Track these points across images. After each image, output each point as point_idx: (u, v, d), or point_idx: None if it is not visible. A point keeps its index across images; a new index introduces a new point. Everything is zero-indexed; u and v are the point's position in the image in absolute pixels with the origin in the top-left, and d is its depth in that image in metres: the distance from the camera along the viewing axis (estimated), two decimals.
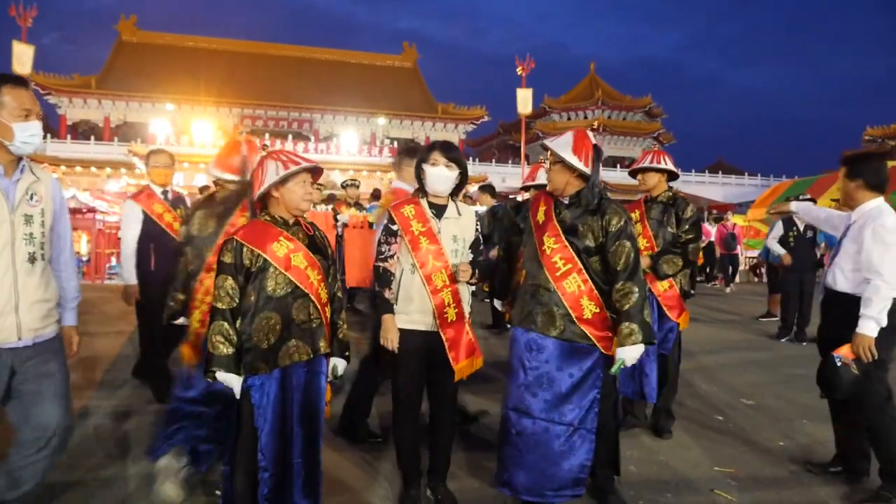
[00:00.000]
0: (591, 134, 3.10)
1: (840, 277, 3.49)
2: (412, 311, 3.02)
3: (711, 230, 14.83)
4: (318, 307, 2.69)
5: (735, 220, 15.19)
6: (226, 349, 2.54)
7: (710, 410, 4.82)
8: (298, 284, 2.63)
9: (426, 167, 3.06)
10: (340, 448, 3.88)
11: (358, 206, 8.58)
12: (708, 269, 15.71)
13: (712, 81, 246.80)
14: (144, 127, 34.34)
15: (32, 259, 2.42)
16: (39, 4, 22.83)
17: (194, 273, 3.32)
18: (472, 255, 3.14)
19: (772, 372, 6.28)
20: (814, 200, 8.65)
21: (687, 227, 4.14)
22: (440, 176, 3.04)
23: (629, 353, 2.84)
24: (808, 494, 3.44)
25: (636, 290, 2.86)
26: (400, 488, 3.22)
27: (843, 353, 3.29)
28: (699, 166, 45.25)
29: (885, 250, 3.26)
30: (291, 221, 2.73)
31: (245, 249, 2.60)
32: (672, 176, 4.31)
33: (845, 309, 3.37)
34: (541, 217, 3.09)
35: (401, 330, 3.03)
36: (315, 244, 2.77)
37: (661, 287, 4.15)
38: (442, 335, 3.03)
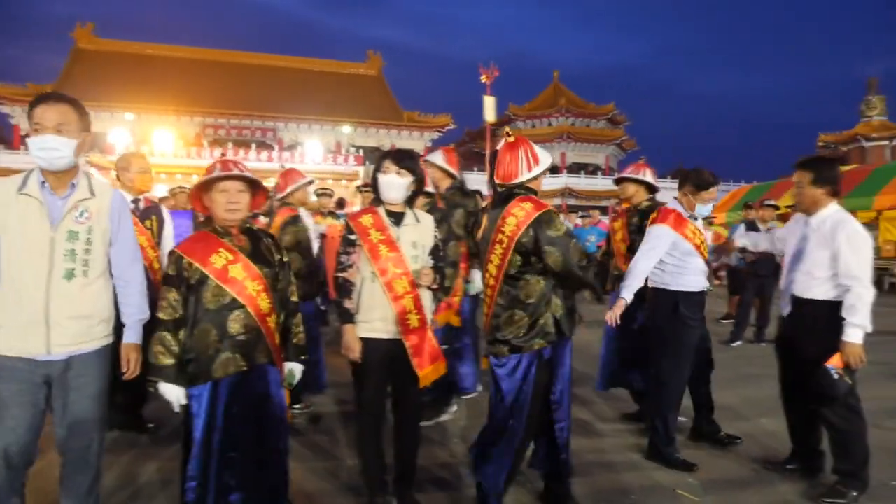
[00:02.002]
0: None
1: (812, 284, 3.44)
2: (374, 318, 3.01)
3: None
4: (257, 318, 2.69)
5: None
6: (165, 360, 2.59)
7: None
8: (236, 296, 2.64)
9: (379, 175, 3.08)
10: (304, 459, 3.84)
11: (333, 214, 8.49)
12: None
13: (673, 88, 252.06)
14: (103, 137, 33.60)
15: (70, 275, 2.40)
16: None
17: None
18: (431, 262, 3.14)
19: (731, 371, 6.37)
20: (777, 206, 8.83)
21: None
22: (391, 183, 3.05)
23: None
24: (768, 491, 3.51)
25: None
26: (365, 497, 3.20)
27: (835, 363, 3.26)
28: (661, 172, 45.97)
29: (861, 256, 3.29)
30: (234, 231, 2.74)
31: (184, 261, 2.64)
32: (652, 188, 4.58)
33: (824, 316, 3.34)
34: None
35: (363, 339, 3.02)
36: (259, 253, 2.78)
37: None
38: (405, 342, 3.02)
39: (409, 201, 3.16)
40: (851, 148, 44.30)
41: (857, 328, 3.25)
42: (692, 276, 3.95)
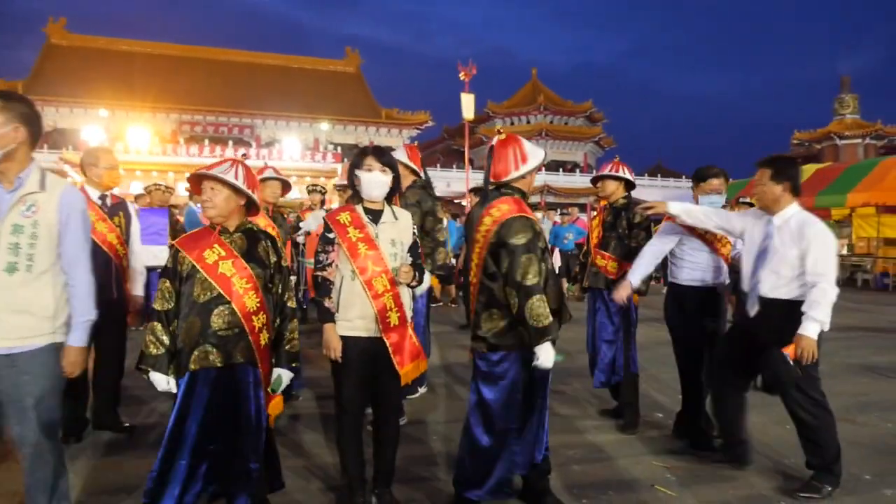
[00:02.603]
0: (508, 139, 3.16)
1: (779, 283, 3.44)
2: (353, 317, 2.99)
3: None
4: (240, 316, 2.71)
5: None
6: (155, 349, 2.68)
7: (650, 407, 4.92)
8: (221, 292, 2.68)
9: (361, 173, 3.05)
10: (283, 458, 3.78)
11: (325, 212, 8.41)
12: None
13: (651, 87, 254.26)
14: (76, 133, 33.13)
15: (13, 269, 2.38)
16: None
17: None
18: (410, 259, 3.13)
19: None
20: (752, 204, 8.93)
21: (635, 230, 4.45)
22: (375, 181, 3.04)
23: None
24: (744, 487, 3.54)
25: None
26: (345, 496, 3.18)
27: (788, 352, 3.29)
28: (639, 170, 46.46)
29: (828, 254, 3.33)
30: (232, 229, 2.79)
31: (179, 255, 2.72)
32: (630, 185, 4.63)
33: (792, 315, 3.32)
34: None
35: (343, 337, 3.00)
36: (254, 253, 2.80)
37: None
38: (385, 340, 3.01)
39: (388, 198, 3.14)
40: (825, 146, 45.10)
41: (815, 323, 3.26)
42: (698, 271, 4.07)
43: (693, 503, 3.33)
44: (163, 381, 2.70)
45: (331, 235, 3.03)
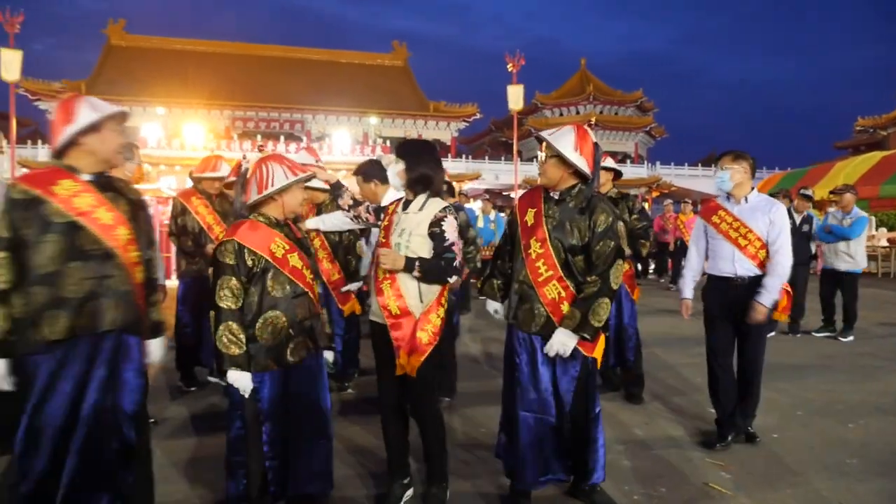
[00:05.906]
0: (590, 131, 3.03)
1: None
2: (373, 302, 3.06)
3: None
4: (315, 304, 2.87)
5: None
6: (237, 349, 2.64)
7: (702, 403, 4.79)
8: (298, 283, 2.78)
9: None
10: None
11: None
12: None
13: (703, 74, 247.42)
14: (135, 131, 34.21)
15: None
16: (28, 10, 22.68)
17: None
18: (424, 251, 2.98)
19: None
20: (810, 197, 8.56)
21: (638, 215, 4.92)
22: (390, 171, 3.19)
23: (559, 337, 2.91)
24: (802, 486, 3.41)
25: (599, 284, 2.88)
26: (385, 484, 3.18)
27: None
28: (692, 160, 45.31)
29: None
30: (282, 222, 2.88)
31: (246, 251, 2.71)
32: (616, 174, 4.92)
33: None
34: (530, 219, 3.05)
35: (371, 322, 3.10)
36: (303, 244, 2.93)
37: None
38: (389, 328, 2.97)
39: (414, 187, 3.07)
40: (891, 132, 43.03)
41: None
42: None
43: (748, 503, 3.22)
44: (245, 379, 2.65)
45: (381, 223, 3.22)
